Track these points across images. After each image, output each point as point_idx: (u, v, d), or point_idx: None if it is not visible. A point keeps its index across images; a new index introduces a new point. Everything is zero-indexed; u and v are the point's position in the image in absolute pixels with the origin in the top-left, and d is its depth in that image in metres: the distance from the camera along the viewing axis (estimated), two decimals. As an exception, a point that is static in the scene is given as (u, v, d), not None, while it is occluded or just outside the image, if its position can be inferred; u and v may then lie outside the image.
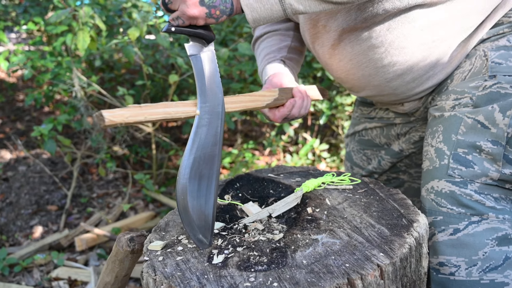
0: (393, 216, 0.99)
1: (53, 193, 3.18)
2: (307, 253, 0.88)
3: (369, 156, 1.55)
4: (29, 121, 4.29)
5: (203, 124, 0.97)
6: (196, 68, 0.99)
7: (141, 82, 2.65)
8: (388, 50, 1.17)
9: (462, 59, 1.20)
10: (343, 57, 1.24)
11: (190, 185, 0.95)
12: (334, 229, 0.97)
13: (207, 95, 0.98)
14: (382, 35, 1.15)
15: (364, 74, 1.25)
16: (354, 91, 1.39)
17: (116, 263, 1.15)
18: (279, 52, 1.40)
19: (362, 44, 1.19)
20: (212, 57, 1.01)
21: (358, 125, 1.57)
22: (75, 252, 2.56)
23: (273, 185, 1.24)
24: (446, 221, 1.09)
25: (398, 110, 1.39)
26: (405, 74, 1.20)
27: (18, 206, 3.03)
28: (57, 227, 2.83)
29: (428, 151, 1.19)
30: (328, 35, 1.23)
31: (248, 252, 0.91)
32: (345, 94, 2.98)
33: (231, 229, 1.03)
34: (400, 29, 1.14)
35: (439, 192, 1.11)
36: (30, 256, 2.47)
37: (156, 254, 0.95)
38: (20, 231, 2.80)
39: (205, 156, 0.97)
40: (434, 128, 1.19)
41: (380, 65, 1.20)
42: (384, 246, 0.88)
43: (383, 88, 1.26)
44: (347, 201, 1.09)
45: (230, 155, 3.02)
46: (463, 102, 1.14)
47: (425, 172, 1.18)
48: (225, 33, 2.79)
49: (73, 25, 2.38)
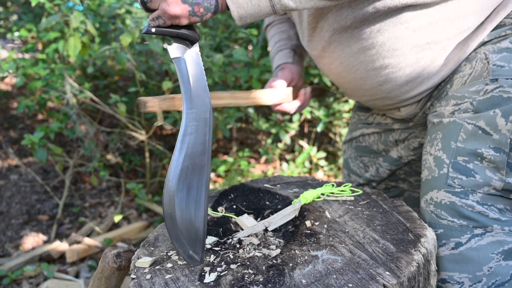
0: (399, 230, 0.93)
1: (45, 202, 3.14)
2: (307, 271, 0.82)
3: (367, 163, 1.49)
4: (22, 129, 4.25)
5: (190, 132, 0.91)
6: (180, 72, 0.92)
7: (134, 89, 2.60)
8: (379, 53, 1.12)
9: (461, 62, 1.14)
10: (334, 59, 1.20)
11: (178, 198, 0.88)
12: (335, 245, 0.90)
13: (193, 100, 0.91)
14: (373, 36, 1.10)
15: (355, 77, 1.20)
16: (348, 95, 1.36)
17: (102, 280, 1.08)
18: (289, 39, 1.46)
19: (352, 46, 1.14)
20: (197, 59, 0.94)
21: (355, 131, 1.52)
22: (66, 263, 2.52)
23: (269, 196, 1.17)
24: (447, 234, 1.02)
25: (395, 115, 1.34)
26: (398, 77, 1.15)
27: (8, 215, 3.00)
28: (48, 238, 2.78)
29: (427, 160, 1.12)
30: (319, 37, 1.19)
31: (242, 269, 0.85)
32: (342, 100, 2.92)
33: (225, 243, 0.96)
34: (392, 30, 1.09)
35: (439, 204, 1.04)
36: (20, 267, 2.43)
37: (144, 272, 0.88)
38: (10, 242, 2.77)
39: (193, 166, 0.90)
40: (433, 135, 1.13)
41: (371, 67, 1.15)
42: (390, 264, 0.81)
43: (376, 92, 1.21)
44: (348, 214, 1.03)
45: (225, 163, 2.96)
46: (463, 107, 1.07)
47: (424, 182, 1.11)
48: (219, 38, 2.74)
49: (65, 31, 2.33)
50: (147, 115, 3.00)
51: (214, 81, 2.55)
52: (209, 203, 1.15)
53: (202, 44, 2.48)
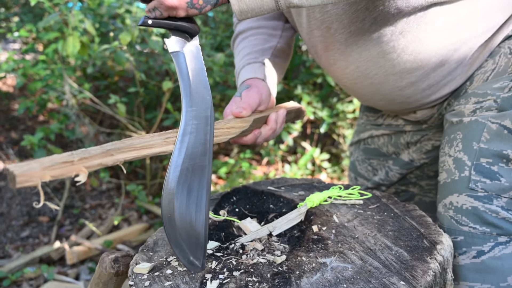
0: (412, 236, 0.87)
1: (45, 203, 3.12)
2: (315, 280, 0.77)
3: (375, 166, 1.42)
4: (23, 130, 4.24)
5: (190, 131, 0.85)
6: (179, 67, 0.86)
7: (133, 89, 2.55)
8: (400, 56, 1.04)
9: (484, 59, 1.07)
10: (349, 64, 1.12)
11: (177, 201, 0.83)
12: (345, 251, 0.85)
13: (192, 97, 0.86)
14: (394, 39, 1.02)
15: (372, 82, 1.12)
16: (361, 100, 1.27)
17: (100, 285, 1.04)
18: (262, 53, 1.21)
19: (371, 50, 1.06)
20: (197, 54, 0.88)
21: (364, 133, 1.44)
22: (66, 265, 2.51)
23: (273, 199, 1.12)
24: (468, 242, 0.97)
25: (410, 118, 1.27)
26: (420, 82, 1.08)
27: (9, 217, 2.99)
28: (48, 239, 2.76)
29: (446, 162, 1.06)
30: (332, 39, 1.10)
31: (246, 277, 0.80)
32: (346, 101, 2.88)
33: (227, 249, 0.92)
34: (415, 32, 1.00)
35: (459, 209, 0.99)
36: (20, 269, 2.42)
37: (142, 278, 0.83)
38: (10, 243, 2.76)
39: (193, 167, 0.85)
40: (452, 135, 1.06)
41: (391, 72, 1.07)
42: (405, 272, 0.76)
43: (394, 97, 1.14)
44: (357, 218, 0.97)
45: (226, 165, 2.91)
46: (485, 105, 1.01)
47: (442, 186, 1.05)
48: (221, 38, 2.70)
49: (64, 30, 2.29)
50: (147, 115, 2.96)
51: (215, 81, 2.51)
52: (210, 206, 1.11)
53: (203, 43, 2.44)
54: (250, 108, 1.03)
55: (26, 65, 2.57)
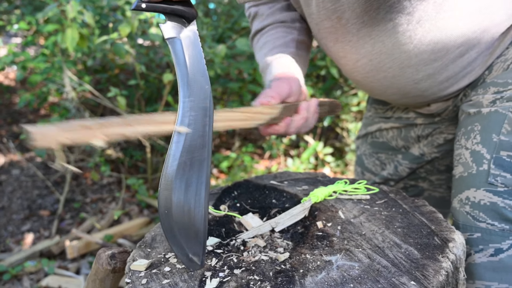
0: (422, 233, 0.83)
1: (46, 197, 3.12)
2: (320, 279, 0.73)
3: (383, 160, 1.37)
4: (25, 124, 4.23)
5: (188, 123, 0.80)
6: (175, 54, 0.79)
7: (134, 82, 2.52)
8: (417, 47, 0.98)
9: (505, 47, 1.01)
10: (361, 57, 1.06)
11: (175, 196, 0.79)
12: (351, 249, 0.80)
13: (190, 86, 0.80)
14: (411, 29, 0.96)
15: (386, 76, 1.06)
16: (372, 95, 1.21)
17: (97, 282, 1.00)
18: (286, 47, 1.17)
19: (386, 41, 1.00)
20: (194, 40, 0.81)
21: (371, 126, 1.38)
22: (66, 259, 2.50)
23: (276, 193, 1.08)
24: (485, 239, 0.92)
25: (423, 111, 1.21)
26: (438, 74, 1.02)
27: (10, 211, 2.99)
28: (49, 233, 2.75)
29: (462, 155, 1.01)
30: (343, 30, 1.04)
31: (247, 275, 0.76)
32: (350, 94, 2.83)
33: (228, 245, 0.88)
34: (434, 20, 0.94)
35: (477, 204, 0.94)
36: (20, 263, 2.42)
37: (140, 276, 0.79)
38: (11, 237, 2.77)
39: (191, 161, 0.80)
40: (469, 127, 1.01)
41: (406, 65, 1.01)
42: (415, 272, 0.71)
43: (409, 90, 1.08)
44: (364, 214, 0.93)
45: (227, 159, 2.87)
46: (506, 95, 0.96)
47: (458, 180, 1.00)
48: (222, 29, 2.65)
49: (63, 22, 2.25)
50: (148, 108, 2.92)
51: (217, 74, 2.47)
52: (210, 201, 1.07)
53: (204, 35, 2.40)
54: (279, 97, 1.00)
55: (26, 57, 2.54)
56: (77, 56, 2.74)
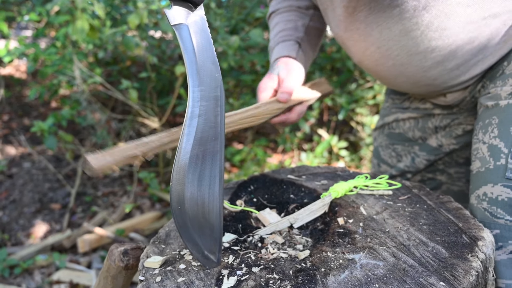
0: (450, 231, 0.79)
1: (57, 191, 3.12)
2: (343, 278, 0.69)
3: (399, 152, 1.34)
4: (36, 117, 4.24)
5: (198, 113, 0.75)
6: (182, 41, 0.75)
7: (145, 74, 2.49)
8: (424, 34, 0.96)
9: None
10: (369, 44, 1.04)
11: (188, 191, 0.75)
12: (375, 247, 0.77)
13: (200, 75, 0.76)
14: (417, 15, 0.94)
15: (395, 63, 1.04)
16: (385, 83, 1.19)
17: (109, 279, 0.98)
18: (295, 31, 1.22)
19: (393, 28, 0.98)
20: (202, 25, 0.77)
21: (388, 116, 1.35)
22: (78, 253, 2.49)
23: (293, 188, 1.04)
24: (504, 236, 0.88)
25: (439, 102, 1.18)
26: (447, 61, 0.99)
27: (21, 204, 2.99)
28: (60, 227, 2.75)
29: (479, 149, 0.98)
30: (351, 19, 1.03)
31: (266, 274, 0.73)
32: (366, 87, 2.78)
33: (245, 242, 0.84)
34: (441, 6, 0.92)
35: (495, 200, 0.90)
36: (32, 257, 2.42)
37: (154, 273, 0.77)
38: (22, 230, 2.77)
39: (204, 154, 0.76)
40: (487, 120, 0.98)
41: (414, 51, 0.99)
42: (444, 272, 0.67)
43: (419, 79, 1.06)
44: (387, 211, 0.89)
45: (240, 153, 2.84)
46: None
47: (475, 175, 0.97)
48: (235, 21, 2.61)
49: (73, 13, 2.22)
50: (160, 101, 2.90)
51: (230, 66, 2.43)
52: (226, 195, 1.03)
53: (217, 26, 2.36)
54: (292, 93, 1.10)
55: (37, 49, 2.52)
56: (88, 48, 2.71)
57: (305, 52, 1.22)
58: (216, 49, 2.40)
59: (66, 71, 2.49)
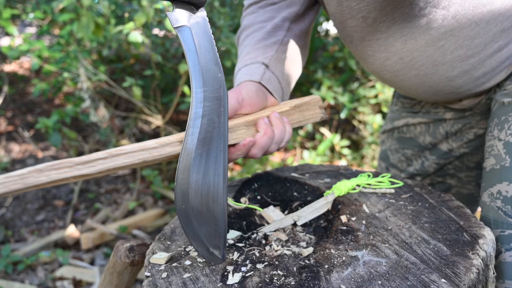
0: (451, 229, 0.80)
1: (60, 187, 3.13)
2: (346, 275, 0.70)
3: (409, 156, 1.31)
4: (39, 114, 4.25)
5: (202, 114, 0.77)
6: (185, 43, 0.76)
7: (149, 72, 2.50)
8: (452, 43, 0.94)
9: None
10: (391, 55, 1.00)
11: (192, 190, 0.77)
12: (377, 244, 0.78)
13: (203, 76, 0.77)
14: (446, 25, 0.91)
15: (418, 74, 1.01)
16: (402, 92, 1.15)
17: (114, 275, 0.99)
18: (264, 51, 1.03)
19: (418, 38, 0.95)
20: (204, 26, 0.78)
21: (398, 120, 1.31)
22: (81, 250, 2.50)
23: (297, 186, 1.06)
24: None
25: (454, 106, 1.15)
26: (474, 70, 0.97)
27: (24, 200, 3.00)
28: (63, 223, 2.76)
29: (494, 146, 0.96)
30: (370, 29, 0.99)
31: (270, 270, 0.74)
32: (368, 86, 2.78)
33: (249, 239, 0.86)
34: (471, 15, 0.89)
35: (509, 199, 0.89)
36: (35, 253, 2.44)
37: (160, 269, 0.78)
38: (26, 226, 2.78)
39: (208, 153, 0.78)
40: (503, 117, 0.96)
41: (440, 62, 0.96)
42: (445, 269, 0.69)
43: (442, 88, 1.03)
44: (389, 209, 0.90)
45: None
46: None
47: (489, 173, 0.96)
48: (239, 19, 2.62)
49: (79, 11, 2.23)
50: (163, 99, 2.91)
51: (234, 64, 2.44)
52: (230, 193, 1.05)
53: (220, 25, 2.37)
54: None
55: (41, 46, 2.54)
56: (92, 46, 2.73)
57: (275, 75, 1.02)
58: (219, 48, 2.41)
59: (70, 69, 2.51)
